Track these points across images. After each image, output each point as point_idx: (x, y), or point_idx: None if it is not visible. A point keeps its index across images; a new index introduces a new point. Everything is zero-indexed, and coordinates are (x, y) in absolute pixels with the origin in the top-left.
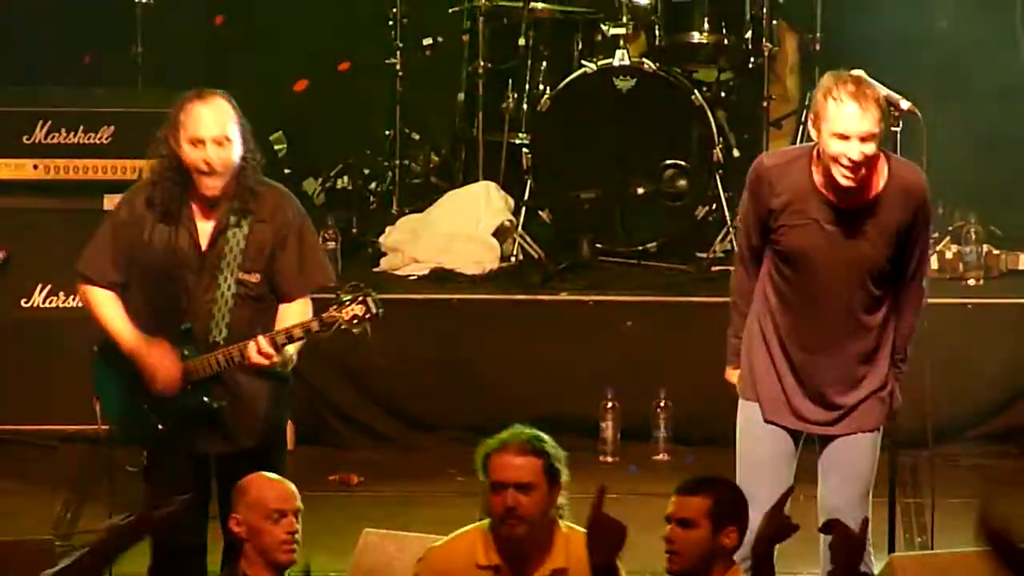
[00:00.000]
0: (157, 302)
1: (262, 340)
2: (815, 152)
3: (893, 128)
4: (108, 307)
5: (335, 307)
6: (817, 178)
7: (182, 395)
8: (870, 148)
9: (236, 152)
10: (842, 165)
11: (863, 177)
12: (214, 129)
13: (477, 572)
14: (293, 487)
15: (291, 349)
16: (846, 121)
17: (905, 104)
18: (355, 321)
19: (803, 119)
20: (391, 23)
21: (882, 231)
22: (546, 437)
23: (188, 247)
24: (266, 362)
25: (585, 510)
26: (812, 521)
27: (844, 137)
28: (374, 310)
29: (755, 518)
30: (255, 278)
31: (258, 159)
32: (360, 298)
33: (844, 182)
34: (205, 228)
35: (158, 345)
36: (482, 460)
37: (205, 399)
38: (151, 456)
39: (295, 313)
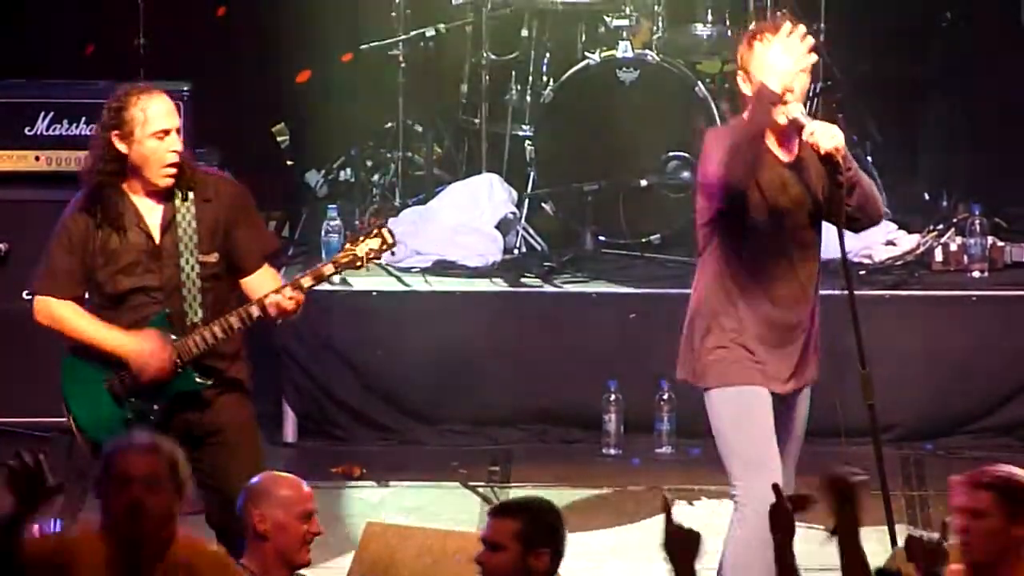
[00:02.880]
0: (123, 302)
1: (285, 289)
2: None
3: None
4: (76, 317)
5: (350, 243)
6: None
7: (174, 377)
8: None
9: None
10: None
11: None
12: (175, 118)
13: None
14: None
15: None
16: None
17: None
18: (371, 255)
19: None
20: (394, 14)
21: (813, 170)
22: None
23: (142, 241)
24: (292, 306)
25: (591, 503)
26: None
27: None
28: (391, 240)
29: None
30: (214, 258)
31: None
32: (374, 232)
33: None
34: (153, 219)
35: (145, 336)
36: (104, 461)
37: (197, 379)
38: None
39: (270, 278)
